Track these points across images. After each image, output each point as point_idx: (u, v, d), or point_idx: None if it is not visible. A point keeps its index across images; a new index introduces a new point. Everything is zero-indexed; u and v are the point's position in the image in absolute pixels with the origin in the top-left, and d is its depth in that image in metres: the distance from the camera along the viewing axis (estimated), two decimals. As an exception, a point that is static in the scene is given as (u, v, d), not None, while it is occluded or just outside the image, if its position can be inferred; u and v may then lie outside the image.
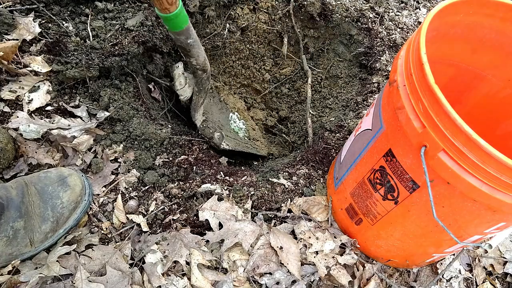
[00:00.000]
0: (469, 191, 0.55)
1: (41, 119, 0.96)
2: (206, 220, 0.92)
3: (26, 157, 0.91)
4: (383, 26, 1.43)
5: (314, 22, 1.48)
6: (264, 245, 0.89)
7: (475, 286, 0.96)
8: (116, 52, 1.10)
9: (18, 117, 0.94)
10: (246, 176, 1.03)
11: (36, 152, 0.92)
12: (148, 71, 1.22)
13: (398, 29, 1.43)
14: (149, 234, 0.90)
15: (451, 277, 0.96)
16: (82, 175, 0.90)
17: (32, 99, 0.97)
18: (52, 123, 0.96)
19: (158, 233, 0.91)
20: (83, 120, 0.99)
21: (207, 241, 0.90)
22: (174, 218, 0.93)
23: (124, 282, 0.80)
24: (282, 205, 0.98)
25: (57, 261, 0.80)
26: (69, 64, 1.01)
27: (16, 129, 0.92)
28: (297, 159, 1.14)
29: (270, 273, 0.86)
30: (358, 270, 0.90)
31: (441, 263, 0.97)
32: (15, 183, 0.80)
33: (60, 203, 0.83)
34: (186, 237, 0.88)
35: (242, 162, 1.32)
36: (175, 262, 0.85)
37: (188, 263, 0.85)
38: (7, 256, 0.77)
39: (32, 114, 0.96)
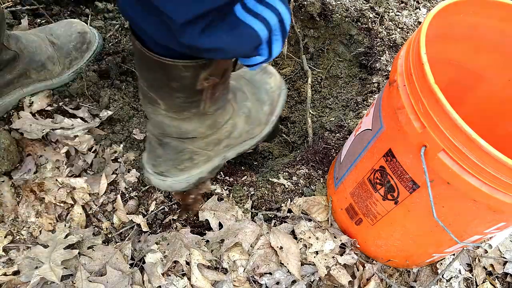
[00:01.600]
0: (469, 191, 0.55)
1: (44, 119, 0.96)
2: (206, 220, 0.92)
3: (36, 156, 0.92)
4: (383, 26, 1.43)
5: (314, 22, 1.48)
6: (264, 245, 0.89)
7: (475, 286, 0.96)
8: (111, 51, 1.10)
9: (21, 117, 0.94)
10: (246, 176, 1.03)
11: (45, 150, 0.93)
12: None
13: (398, 29, 1.43)
14: (149, 234, 0.90)
15: (451, 277, 0.96)
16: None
17: (32, 102, 0.97)
18: (55, 123, 0.96)
19: (158, 233, 0.91)
20: (86, 121, 0.99)
21: (207, 241, 0.90)
22: (174, 218, 0.93)
23: (124, 282, 0.80)
24: (282, 205, 0.98)
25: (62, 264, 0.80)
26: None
27: (17, 130, 0.92)
28: (297, 159, 1.14)
29: (270, 273, 0.86)
30: (358, 270, 0.90)
31: (441, 263, 0.97)
32: None
33: (270, 88, 0.93)
34: (186, 237, 0.88)
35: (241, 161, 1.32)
36: (175, 262, 0.85)
37: (188, 263, 0.85)
38: (245, 135, 0.88)
39: (36, 115, 0.96)
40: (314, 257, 0.89)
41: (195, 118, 0.72)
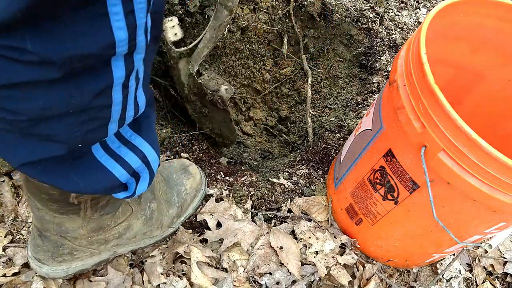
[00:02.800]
0: (469, 191, 0.55)
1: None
2: (204, 220, 0.92)
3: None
4: (383, 26, 1.43)
5: (314, 22, 1.48)
6: (264, 245, 0.89)
7: (475, 286, 0.96)
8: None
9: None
10: (246, 176, 1.03)
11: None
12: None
13: (398, 29, 1.43)
14: (149, 234, 0.90)
15: (451, 277, 0.96)
16: (198, 167, 0.97)
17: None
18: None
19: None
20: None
21: (206, 240, 0.89)
22: (174, 218, 0.93)
23: (125, 283, 0.80)
24: (282, 205, 0.98)
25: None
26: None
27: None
28: (297, 159, 1.14)
29: (270, 273, 0.86)
30: (358, 270, 0.90)
31: (441, 263, 0.97)
32: None
33: (184, 190, 0.89)
34: (183, 237, 0.88)
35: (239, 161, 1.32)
36: (174, 262, 0.85)
37: (186, 261, 0.85)
38: (141, 236, 0.82)
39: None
40: (314, 257, 0.89)
41: (77, 219, 0.67)
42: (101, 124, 0.46)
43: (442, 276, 0.96)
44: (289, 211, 0.98)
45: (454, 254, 0.98)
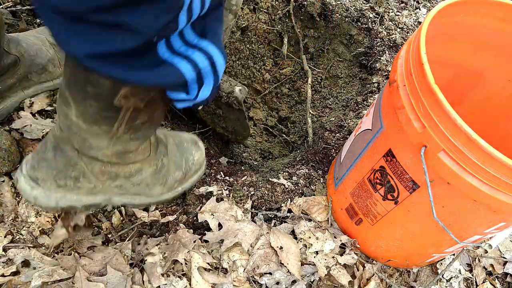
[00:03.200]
0: (469, 191, 0.55)
1: (44, 119, 0.96)
2: (206, 221, 0.92)
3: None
4: (383, 26, 1.43)
5: (314, 22, 1.48)
6: (264, 245, 0.89)
7: (475, 286, 0.96)
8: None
9: (21, 117, 0.94)
10: (246, 176, 1.03)
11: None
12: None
13: (398, 29, 1.43)
14: (149, 237, 0.90)
15: (451, 277, 0.96)
16: None
17: (32, 102, 0.97)
18: (56, 123, 0.96)
19: (157, 234, 0.91)
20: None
21: (207, 241, 0.90)
22: (174, 218, 0.93)
23: (124, 283, 0.80)
24: (282, 205, 0.98)
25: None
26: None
27: (17, 130, 0.92)
28: (297, 159, 1.14)
29: (270, 273, 0.86)
30: (358, 270, 0.90)
31: (441, 263, 0.97)
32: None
33: (192, 159, 0.90)
34: (184, 237, 0.88)
35: (239, 163, 1.32)
36: (174, 262, 0.85)
37: (186, 262, 0.85)
38: (144, 187, 0.81)
39: (36, 115, 0.96)
40: (314, 257, 0.89)
41: (105, 137, 0.64)
42: (175, 15, 0.44)
43: (442, 276, 0.96)
44: (289, 211, 0.98)
45: (454, 254, 0.98)
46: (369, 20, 1.43)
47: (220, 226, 0.92)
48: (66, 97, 0.60)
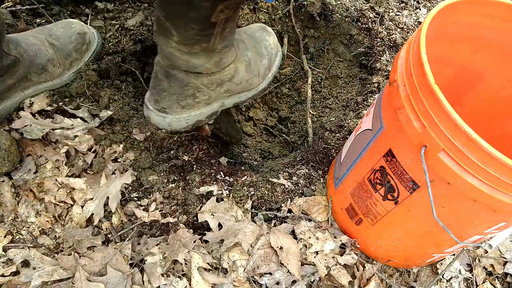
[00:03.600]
0: (469, 191, 0.55)
1: (44, 119, 0.96)
2: (206, 221, 0.92)
3: (35, 156, 0.92)
4: (383, 26, 1.43)
5: (314, 22, 1.48)
6: (264, 245, 0.89)
7: (475, 286, 0.96)
8: (111, 51, 1.10)
9: (21, 117, 0.94)
10: (246, 176, 1.03)
11: (44, 150, 0.93)
12: (148, 72, 1.22)
13: (398, 29, 1.43)
14: (149, 237, 0.90)
15: (451, 277, 0.96)
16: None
17: (32, 102, 0.97)
18: (55, 123, 0.96)
19: (157, 234, 0.91)
20: (86, 121, 0.99)
21: (206, 241, 0.90)
22: (174, 218, 0.93)
23: (124, 283, 0.80)
24: (282, 205, 0.98)
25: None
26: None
27: (17, 130, 0.92)
28: (297, 159, 1.13)
29: (270, 273, 0.86)
30: (358, 270, 0.90)
31: (441, 263, 0.97)
32: None
33: (269, 44, 0.98)
34: (184, 237, 0.88)
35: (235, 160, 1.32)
36: (174, 262, 0.85)
37: (186, 262, 0.85)
38: (245, 83, 0.92)
39: (36, 115, 0.96)
40: (314, 257, 0.89)
41: (203, 54, 0.76)
42: None
43: (442, 276, 0.96)
44: (289, 211, 0.98)
45: (454, 254, 0.98)
46: (369, 20, 1.43)
47: (220, 226, 0.92)
48: (166, 27, 0.70)
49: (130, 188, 0.95)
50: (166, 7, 0.68)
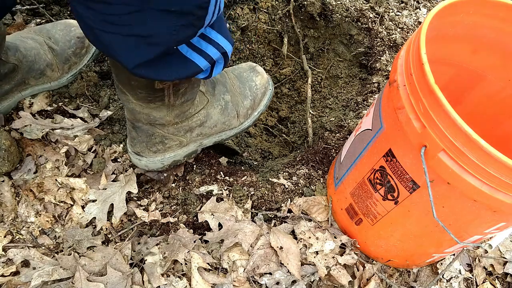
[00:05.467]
0: (469, 191, 0.55)
1: (44, 119, 0.96)
2: (206, 221, 0.92)
3: (35, 156, 0.92)
4: (383, 26, 1.43)
5: (314, 22, 1.48)
6: (264, 245, 0.89)
7: (475, 286, 0.96)
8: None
9: (21, 117, 0.94)
10: (246, 176, 1.03)
11: (44, 150, 0.93)
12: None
13: (398, 29, 1.43)
14: (149, 237, 0.90)
15: (451, 277, 0.96)
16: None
17: (32, 103, 0.97)
18: (55, 123, 0.96)
19: (157, 234, 0.91)
20: (85, 121, 0.99)
21: (206, 241, 0.90)
22: (174, 218, 0.93)
23: (124, 283, 0.80)
24: (282, 205, 0.98)
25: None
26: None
27: (17, 130, 0.92)
28: (297, 159, 1.13)
29: (270, 273, 0.86)
30: (358, 270, 0.90)
31: (441, 263, 0.97)
32: None
33: (255, 85, 0.99)
34: (184, 237, 0.88)
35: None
36: (174, 262, 0.85)
37: (186, 263, 0.85)
38: (221, 125, 0.94)
39: (35, 115, 0.96)
40: (314, 257, 0.89)
41: (163, 108, 0.79)
42: (194, 30, 0.56)
43: (442, 276, 0.96)
44: (289, 211, 0.98)
45: (454, 254, 0.98)
46: (369, 20, 1.43)
47: (220, 226, 0.92)
48: (120, 88, 0.75)
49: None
50: (114, 71, 0.72)
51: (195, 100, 0.84)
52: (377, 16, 1.45)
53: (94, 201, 0.91)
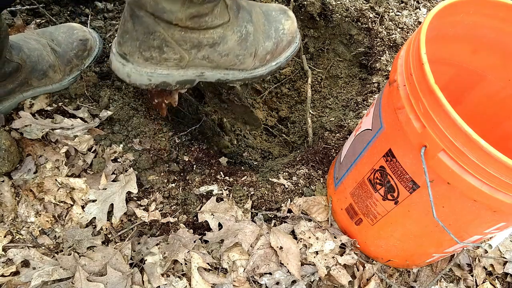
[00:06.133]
0: (469, 191, 0.55)
1: (44, 119, 0.96)
2: (206, 221, 0.92)
3: (35, 156, 0.92)
4: (383, 26, 1.43)
5: (314, 22, 1.48)
6: (264, 245, 0.89)
7: (475, 286, 0.96)
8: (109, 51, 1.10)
9: (21, 117, 0.94)
10: (246, 176, 1.03)
11: (44, 150, 0.93)
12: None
13: (398, 29, 1.43)
14: (149, 237, 0.90)
15: (451, 277, 0.96)
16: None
17: (33, 103, 0.97)
18: (55, 123, 0.96)
19: (157, 234, 0.91)
20: (85, 121, 0.99)
21: (206, 241, 0.90)
22: (174, 218, 0.93)
23: (124, 283, 0.80)
24: (282, 205, 0.98)
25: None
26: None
27: (17, 130, 0.92)
28: (297, 159, 1.13)
29: (270, 273, 0.86)
30: (358, 270, 0.90)
31: (441, 263, 0.97)
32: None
33: (282, 28, 0.84)
34: (184, 237, 0.88)
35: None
36: (174, 262, 0.85)
37: (186, 263, 0.85)
38: (233, 57, 0.77)
39: (35, 115, 0.96)
40: (314, 257, 0.89)
41: (178, 0, 0.63)
42: None
43: (442, 276, 0.96)
44: (289, 211, 0.98)
45: (454, 254, 0.98)
46: (369, 20, 1.43)
47: (220, 226, 0.92)
48: None
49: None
50: None
51: (216, 8, 0.69)
52: (377, 16, 1.45)
53: (94, 201, 0.91)
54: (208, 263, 0.85)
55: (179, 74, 0.74)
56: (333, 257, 0.89)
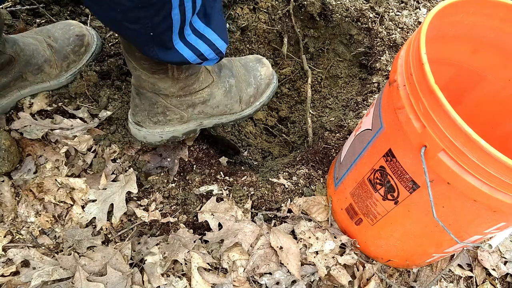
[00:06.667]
0: (469, 191, 0.55)
1: (43, 119, 0.96)
2: (206, 221, 0.92)
3: (35, 156, 0.92)
4: (383, 26, 1.43)
5: (314, 22, 1.48)
6: (264, 245, 0.89)
7: (475, 286, 0.96)
8: (112, 52, 1.10)
9: (20, 117, 0.94)
10: (246, 176, 1.03)
11: (44, 150, 0.93)
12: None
13: (398, 29, 1.43)
14: (149, 237, 0.90)
15: (451, 277, 0.96)
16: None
17: (32, 103, 0.97)
18: (55, 123, 0.96)
19: (157, 234, 0.91)
20: (85, 121, 0.99)
21: (206, 241, 0.90)
22: (174, 218, 0.93)
23: (124, 283, 0.80)
24: (282, 205, 0.98)
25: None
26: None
27: (17, 130, 0.92)
28: (297, 159, 1.13)
29: (270, 273, 0.86)
30: (358, 270, 0.90)
31: (441, 263, 0.97)
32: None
33: (259, 75, 1.02)
34: (184, 236, 0.88)
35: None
36: (174, 262, 0.85)
37: (186, 263, 0.85)
38: (223, 107, 0.95)
39: (35, 115, 0.96)
40: (314, 257, 0.89)
41: (168, 79, 0.80)
42: (165, 15, 0.59)
43: (442, 276, 0.96)
44: (289, 211, 0.98)
45: (454, 254, 0.98)
46: (369, 20, 1.43)
47: (220, 226, 0.92)
48: (126, 57, 0.78)
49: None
50: (121, 41, 0.76)
51: (200, 76, 0.86)
52: (377, 16, 1.45)
53: (94, 201, 0.91)
54: (208, 263, 0.85)
55: (182, 128, 0.93)
56: (333, 257, 0.89)
